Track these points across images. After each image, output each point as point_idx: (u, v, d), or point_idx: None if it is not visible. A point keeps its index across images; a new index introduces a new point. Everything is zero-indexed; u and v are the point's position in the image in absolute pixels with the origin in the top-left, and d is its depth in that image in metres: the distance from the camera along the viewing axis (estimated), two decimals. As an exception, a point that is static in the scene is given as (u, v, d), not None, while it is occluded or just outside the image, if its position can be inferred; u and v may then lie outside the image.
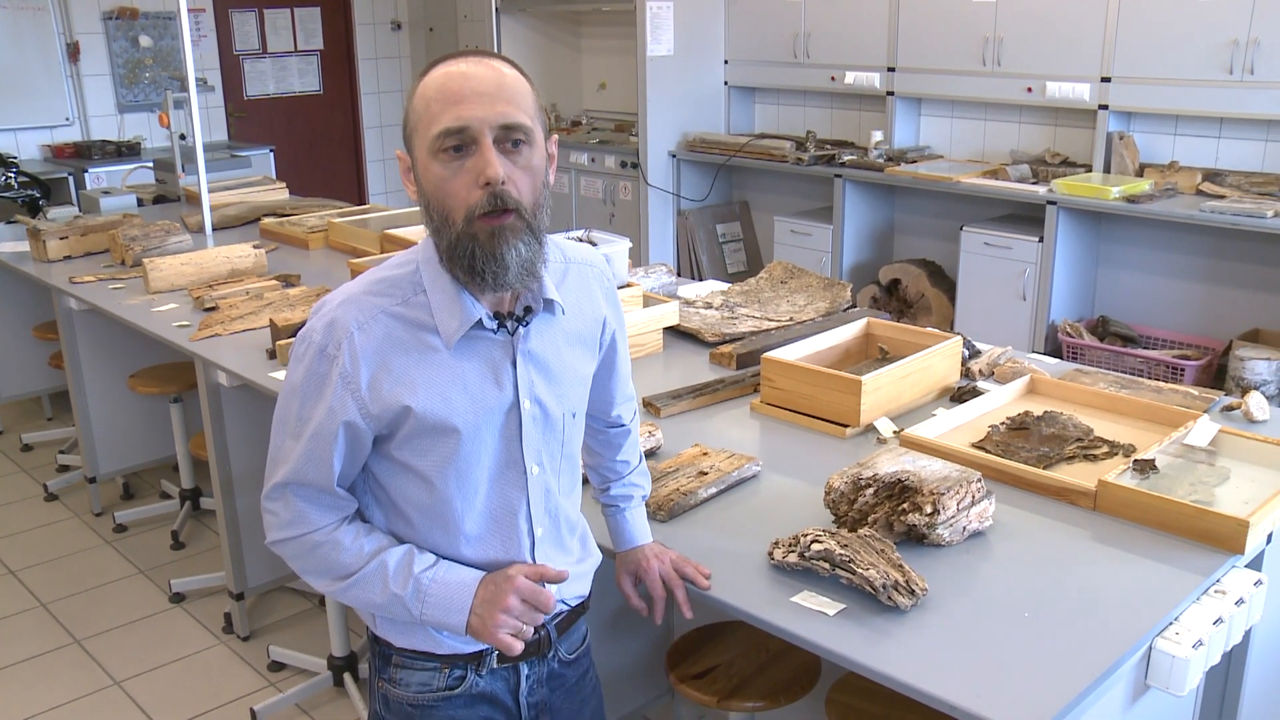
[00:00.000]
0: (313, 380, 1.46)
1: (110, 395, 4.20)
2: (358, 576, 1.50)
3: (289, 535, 1.52)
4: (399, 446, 1.49)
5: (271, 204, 4.87)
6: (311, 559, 1.53)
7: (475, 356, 1.49)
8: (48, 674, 3.31)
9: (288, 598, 3.68)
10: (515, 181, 1.40)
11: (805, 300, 3.27)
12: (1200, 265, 4.84)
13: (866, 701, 2.00)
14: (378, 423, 1.47)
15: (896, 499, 1.87)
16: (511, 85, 1.42)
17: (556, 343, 1.56)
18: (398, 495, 1.53)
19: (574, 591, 1.68)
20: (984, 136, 5.60)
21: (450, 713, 1.61)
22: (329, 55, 7.90)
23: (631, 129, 6.58)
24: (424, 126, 1.41)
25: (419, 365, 1.46)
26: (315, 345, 1.46)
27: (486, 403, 1.49)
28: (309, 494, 1.50)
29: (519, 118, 1.40)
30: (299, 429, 1.48)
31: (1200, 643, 1.62)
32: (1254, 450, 2.16)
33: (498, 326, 1.49)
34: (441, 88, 1.40)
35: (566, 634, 1.70)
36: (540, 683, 1.67)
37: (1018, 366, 2.65)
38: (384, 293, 1.47)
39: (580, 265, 1.63)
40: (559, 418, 1.57)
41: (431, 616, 1.50)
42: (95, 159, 6.32)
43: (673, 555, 1.82)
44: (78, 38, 6.63)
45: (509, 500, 1.55)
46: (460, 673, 1.60)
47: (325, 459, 1.47)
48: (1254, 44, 4.36)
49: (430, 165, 1.41)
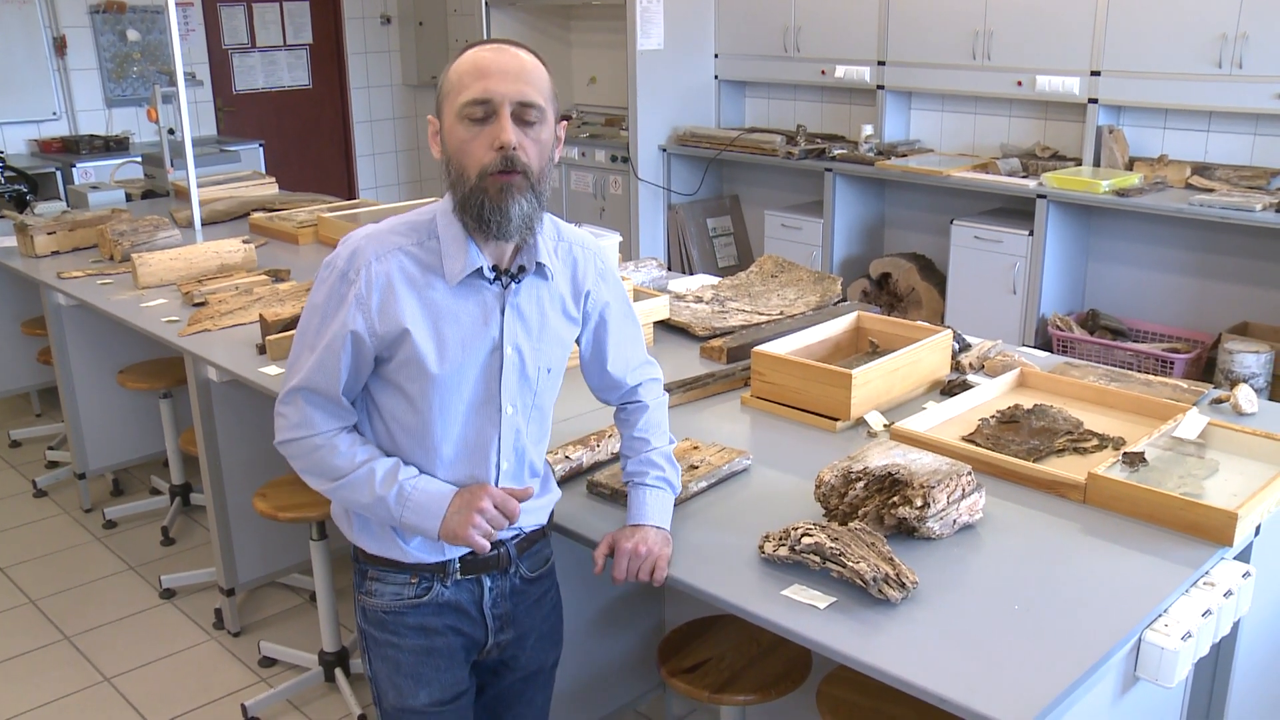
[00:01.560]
0: (332, 299, 1.68)
1: (99, 391, 4.19)
2: (349, 479, 1.71)
3: (294, 436, 1.73)
4: (395, 370, 1.70)
5: (261, 199, 4.86)
6: (311, 459, 1.73)
7: (471, 300, 1.70)
8: (37, 670, 3.30)
9: (278, 593, 3.67)
10: (526, 149, 1.63)
11: (796, 294, 3.27)
12: (1190, 259, 4.85)
13: (858, 695, 2.00)
14: (380, 342, 1.67)
15: (887, 492, 1.88)
16: (532, 70, 1.65)
17: (542, 304, 1.77)
18: (388, 415, 1.74)
19: (530, 521, 1.87)
20: (974, 130, 5.60)
21: (420, 619, 1.81)
22: (318, 50, 7.86)
23: (622, 123, 6.57)
24: (454, 94, 1.63)
25: (422, 299, 1.68)
26: (338, 269, 1.68)
27: (475, 342, 1.70)
28: (317, 400, 1.71)
29: (535, 98, 1.63)
30: (315, 341, 1.69)
31: (1189, 634, 1.62)
32: (1243, 443, 2.17)
33: (494, 278, 1.71)
34: (473, 64, 1.63)
35: (527, 554, 1.89)
36: (504, 596, 1.86)
37: (1008, 360, 2.65)
38: (403, 233, 1.71)
39: (575, 245, 1.85)
40: (534, 370, 1.77)
41: (409, 520, 1.70)
42: (83, 154, 6.29)
43: (656, 550, 1.81)
44: (64, 31, 6.59)
45: (483, 433, 1.75)
46: (427, 584, 1.80)
47: (334, 368, 1.68)
48: (1243, 38, 4.37)
49: (455, 128, 1.63)
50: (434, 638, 1.82)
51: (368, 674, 1.90)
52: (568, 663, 2.49)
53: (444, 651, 1.83)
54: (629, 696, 2.71)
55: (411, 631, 1.81)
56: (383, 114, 8.19)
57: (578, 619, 2.49)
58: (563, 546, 2.10)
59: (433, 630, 1.81)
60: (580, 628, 2.50)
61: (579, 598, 2.46)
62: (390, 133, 8.26)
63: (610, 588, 1.85)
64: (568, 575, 2.37)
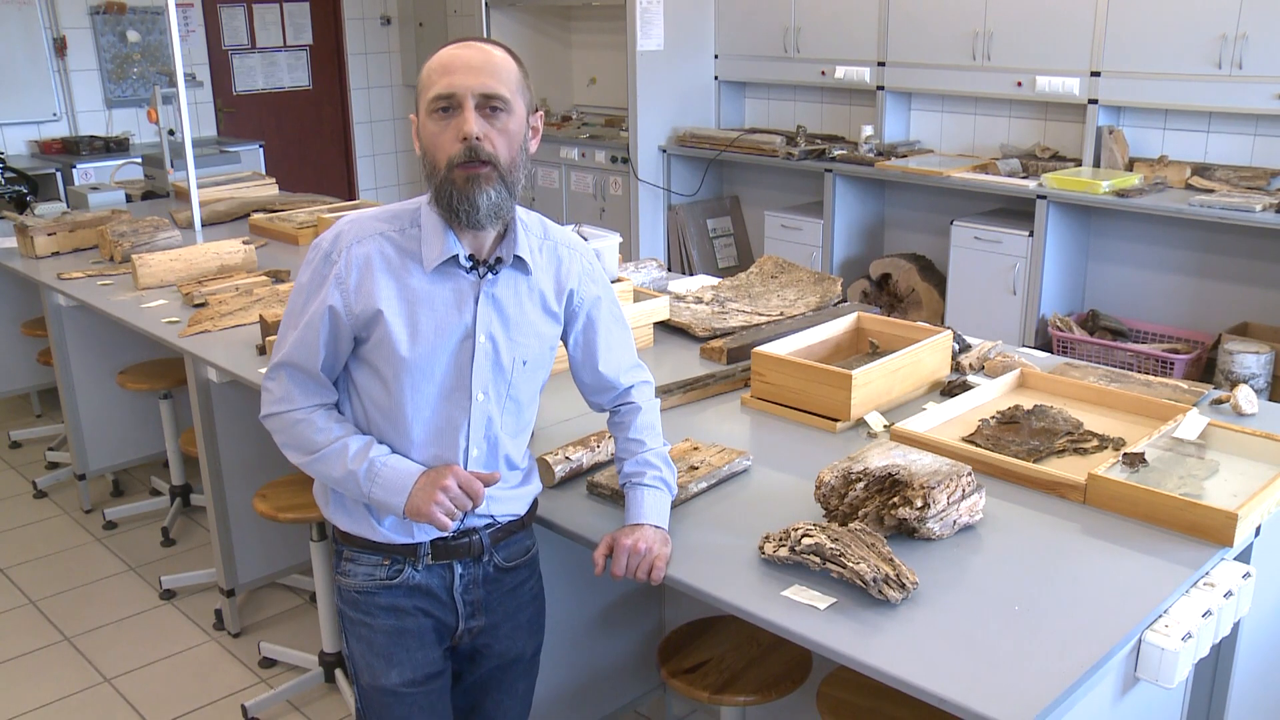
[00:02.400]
0: (315, 279, 1.77)
1: (99, 392, 4.19)
2: (323, 453, 1.78)
3: (276, 410, 1.81)
4: (371, 350, 1.76)
5: (261, 199, 4.86)
6: (290, 434, 1.81)
7: (446, 286, 1.76)
8: (38, 671, 3.30)
9: (279, 594, 3.67)
10: (491, 140, 1.69)
11: (796, 295, 3.27)
12: (1189, 259, 4.85)
13: (858, 695, 2.00)
14: (356, 321, 1.74)
15: (887, 493, 1.88)
16: (497, 63, 1.70)
17: (520, 296, 1.82)
18: (365, 395, 1.81)
19: (506, 510, 1.90)
20: (974, 131, 5.60)
21: (391, 600, 1.86)
22: (318, 50, 7.87)
23: (622, 124, 6.57)
24: (424, 91, 1.71)
25: (398, 282, 1.75)
26: (323, 251, 1.77)
27: (447, 327, 1.76)
28: (298, 377, 1.79)
29: (498, 89, 1.69)
30: (298, 319, 1.77)
31: (1189, 635, 1.62)
32: (1243, 443, 2.17)
33: (471, 268, 1.77)
34: (440, 61, 1.71)
35: (504, 543, 1.91)
36: (476, 583, 1.90)
37: (1008, 360, 2.65)
38: (386, 220, 1.78)
39: (559, 244, 1.89)
40: (509, 361, 1.81)
41: (376, 495, 1.75)
42: (83, 154, 6.29)
43: (655, 548, 1.81)
44: (65, 32, 6.59)
45: (453, 417, 1.79)
46: (399, 565, 1.85)
47: (313, 344, 1.76)
48: (1242, 38, 4.37)
49: (426, 123, 1.71)
50: (404, 618, 1.86)
51: (345, 653, 1.98)
52: (568, 663, 2.50)
53: (414, 632, 1.87)
54: (629, 697, 2.71)
55: (383, 612, 1.86)
56: (382, 115, 8.19)
57: (578, 619, 2.49)
58: (563, 547, 2.11)
59: (403, 611, 1.86)
60: (580, 628, 2.50)
61: (579, 598, 2.46)
62: (390, 133, 8.26)
63: (610, 588, 1.85)
64: (569, 576, 2.38)
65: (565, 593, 2.39)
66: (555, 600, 2.17)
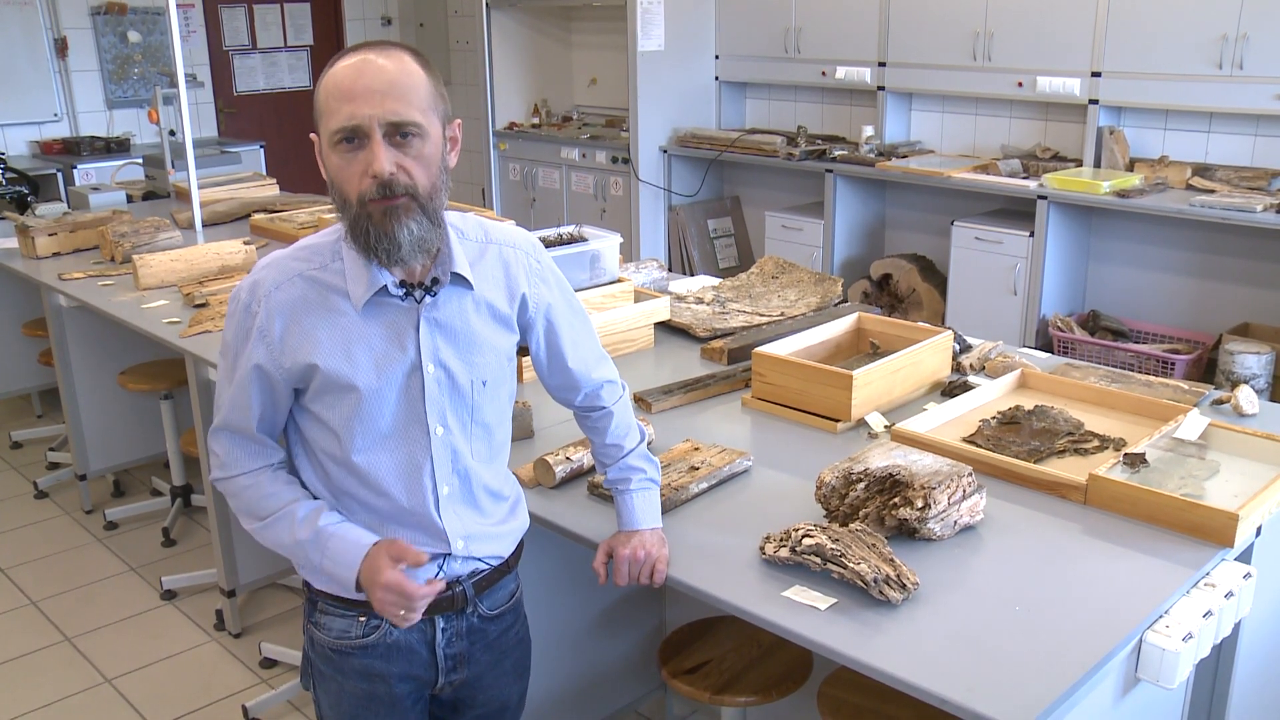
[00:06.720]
0: (239, 334, 1.63)
1: (100, 392, 4.19)
2: (272, 519, 1.66)
3: (223, 476, 1.70)
4: (312, 400, 1.63)
5: (262, 200, 4.86)
6: (240, 499, 1.69)
7: (380, 320, 1.61)
8: (38, 672, 3.30)
9: (279, 594, 3.67)
10: (407, 169, 1.51)
11: (796, 295, 3.27)
12: (1190, 259, 4.85)
13: (858, 696, 2.00)
14: (289, 375, 1.61)
15: (888, 493, 1.88)
16: (401, 81, 1.50)
17: (466, 313, 1.66)
18: (317, 448, 1.67)
19: (491, 551, 1.76)
20: (975, 131, 5.60)
21: (367, 662, 1.73)
22: (319, 51, 7.87)
23: (622, 124, 6.57)
24: (324, 120, 1.53)
25: (327, 325, 1.59)
26: (242, 303, 1.63)
27: (389, 363, 1.60)
28: (237, 440, 1.67)
29: (408, 114, 1.50)
30: (230, 377, 1.65)
31: (1190, 636, 1.62)
32: (1244, 444, 2.17)
33: (405, 294, 1.60)
34: (336, 85, 1.51)
35: (488, 592, 1.78)
36: (459, 635, 1.77)
37: (1008, 361, 2.65)
38: (304, 258, 1.63)
39: (502, 246, 1.72)
40: (467, 384, 1.67)
41: (329, 568, 1.63)
42: (84, 155, 6.29)
43: (654, 552, 1.81)
44: (65, 33, 6.60)
45: (414, 457, 1.65)
46: (376, 622, 1.71)
47: (245, 404, 1.64)
48: (1243, 39, 4.37)
49: (330, 155, 1.53)
50: (377, 684, 1.74)
51: (313, 695, 1.83)
52: (568, 663, 2.50)
53: (385, 700, 1.74)
54: (630, 697, 2.71)
55: (356, 675, 1.73)
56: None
57: (578, 619, 2.50)
58: (563, 547, 2.11)
59: (377, 676, 1.73)
60: (581, 628, 2.50)
61: (580, 598, 2.47)
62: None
63: (610, 589, 1.85)
64: (569, 576, 2.38)
65: (566, 593, 2.39)
66: (556, 601, 2.17)
